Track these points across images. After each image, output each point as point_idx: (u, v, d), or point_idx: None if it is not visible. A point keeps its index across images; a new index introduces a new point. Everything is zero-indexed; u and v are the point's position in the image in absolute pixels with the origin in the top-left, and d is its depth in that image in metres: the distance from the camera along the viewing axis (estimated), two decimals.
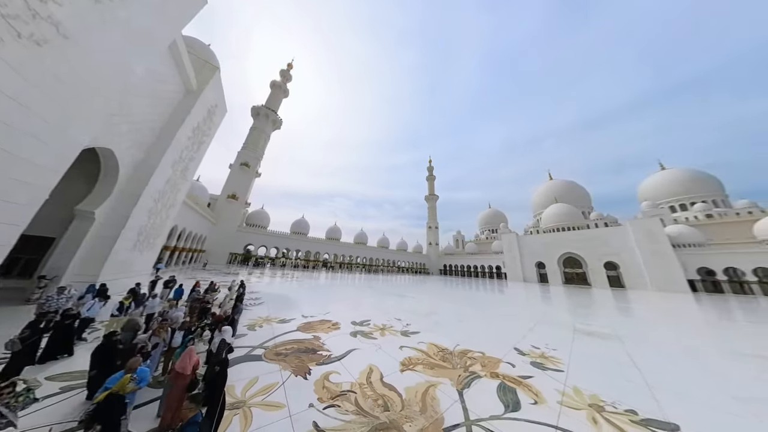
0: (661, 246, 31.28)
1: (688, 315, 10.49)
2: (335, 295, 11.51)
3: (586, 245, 37.96)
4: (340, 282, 19.85)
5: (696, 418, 2.60)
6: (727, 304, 15.35)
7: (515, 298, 15.12)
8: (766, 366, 4.46)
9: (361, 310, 8.05)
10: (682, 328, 7.83)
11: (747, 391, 3.36)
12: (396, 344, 4.61)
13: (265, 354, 3.66)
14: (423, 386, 2.99)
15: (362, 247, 61.01)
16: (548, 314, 9.27)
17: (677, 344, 5.75)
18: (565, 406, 2.73)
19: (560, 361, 4.18)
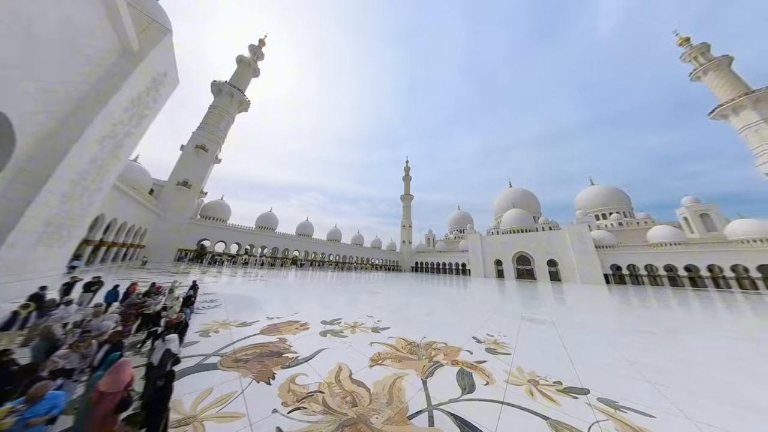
0: (588, 247, 38.08)
1: (602, 303, 13.10)
2: (305, 294, 11.04)
3: (535, 245, 44.05)
4: (311, 280, 19.06)
5: (601, 382, 3.30)
6: (628, 293, 19.67)
7: (476, 292, 16.72)
8: (649, 338, 5.89)
9: (333, 308, 7.90)
10: (596, 313, 9.76)
11: (637, 358, 4.40)
12: (366, 341, 4.67)
13: (222, 362, 3.33)
14: (390, 379, 3.11)
15: (336, 245, 59.51)
16: (502, 306, 10.52)
17: (592, 326, 7.16)
18: (510, 383, 3.17)
19: (509, 345, 4.81)
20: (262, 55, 46.84)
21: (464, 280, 31.92)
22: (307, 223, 60.09)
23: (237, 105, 40.94)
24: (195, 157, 34.16)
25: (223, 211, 44.05)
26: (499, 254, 47.86)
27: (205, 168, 35.06)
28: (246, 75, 43.84)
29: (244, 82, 43.22)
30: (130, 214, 20.02)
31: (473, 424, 2.29)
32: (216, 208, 43.23)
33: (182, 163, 33.24)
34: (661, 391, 3.16)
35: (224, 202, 45.47)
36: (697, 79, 36.87)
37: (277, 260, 47.51)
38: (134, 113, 8.63)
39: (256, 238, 43.54)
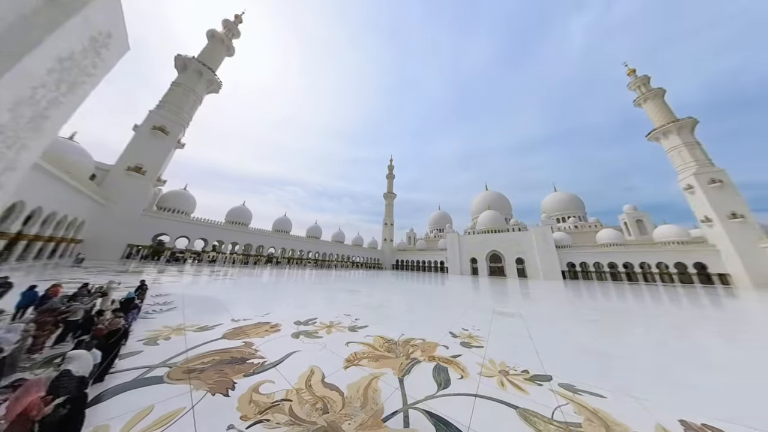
0: (550, 247, 42.24)
1: (560, 296, 14.62)
2: (279, 294, 10.36)
3: (506, 245, 47.56)
4: (287, 279, 18.06)
5: (561, 368, 3.57)
6: (579, 287, 22.29)
7: (453, 288, 17.46)
8: (597, 327, 6.65)
9: (308, 308, 7.51)
10: (555, 305, 10.82)
11: (588, 345, 4.89)
12: (343, 341, 4.47)
13: (170, 373, 2.86)
14: (366, 380, 2.98)
15: (315, 242, 57.45)
16: (476, 301, 11.09)
17: (553, 317, 7.89)
18: (483, 375, 3.25)
19: (482, 338, 5.01)
20: (238, 32, 42.61)
21: (442, 278, 33.18)
22: (285, 218, 57.02)
23: (206, 85, 36.77)
24: (152, 140, 29.93)
25: (187, 202, 39.51)
26: (474, 253, 50.74)
27: (164, 153, 30.94)
28: (218, 52, 39.52)
29: (215, 60, 38.88)
30: (61, 202, 16.77)
31: (448, 420, 2.27)
32: (177, 199, 38.57)
33: (135, 146, 28.86)
34: (609, 373, 3.53)
35: (188, 193, 40.79)
36: (639, 106, 43.05)
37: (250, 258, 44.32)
38: (65, 78, 7.06)
39: (227, 233, 39.94)
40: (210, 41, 38.76)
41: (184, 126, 34.15)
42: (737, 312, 10.52)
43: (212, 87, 38.37)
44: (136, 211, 27.73)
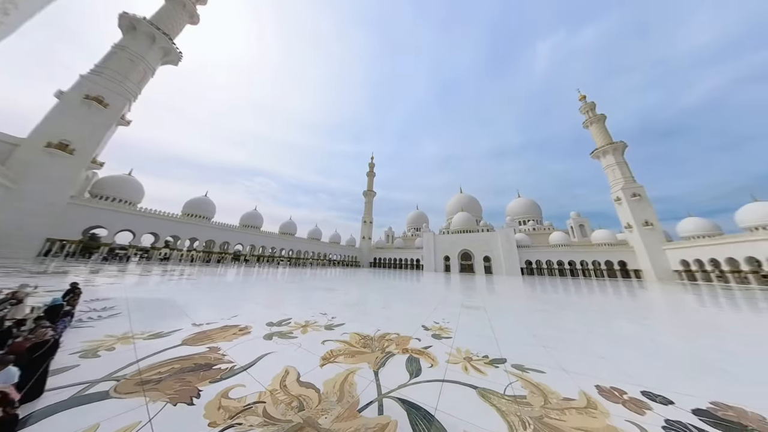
0: (512, 246, 47.01)
1: (518, 290, 16.52)
2: (248, 295, 9.70)
3: (475, 244, 51.41)
4: (257, 278, 16.92)
5: (514, 352, 4.14)
6: (534, 282, 25.43)
7: (427, 285, 18.39)
8: (545, 315, 7.77)
9: (282, 308, 7.22)
10: (513, 298, 12.24)
11: (537, 331, 5.71)
12: (319, 340, 4.46)
13: (118, 387, 2.56)
14: (342, 375, 3.06)
15: (289, 238, 54.56)
16: (447, 296, 11.91)
17: (510, 308, 8.95)
18: (450, 363, 3.61)
19: (451, 330, 5.48)
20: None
21: (417, 275, 34.53)
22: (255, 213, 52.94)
23: (160, 54, 31.75)
24: (84, 112, 24.85)
25: (132, 190, 33.95)
26: (447, 251, 53.85)
27: (102, 129, 26.00)
28: (178, 18, 34.33)
29: (173, 26, 33.70)
30: None
31: (418, 404, 2.49)
32: (120, 186, 32.90)
33: (59, 117, 23.61)
34: (550, 353, 4.22)
35: (133, 179, 35.08)
36: (586, 127, 50.14)
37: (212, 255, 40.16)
38: None
39: (184, 227, 35.50)
40: (168, 2, 33.39)
41: (130, 99, 29.07)
42: (643, 300, 13.26)
43: (169, 58, 33.23)
44: (59, 198, 22.83)
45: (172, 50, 32.33)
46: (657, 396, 2.84)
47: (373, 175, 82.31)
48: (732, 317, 8.76)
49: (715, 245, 31.38)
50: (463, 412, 2.41)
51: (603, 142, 45.54)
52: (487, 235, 50.54)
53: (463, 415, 2.35)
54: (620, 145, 44.04)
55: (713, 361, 4.32)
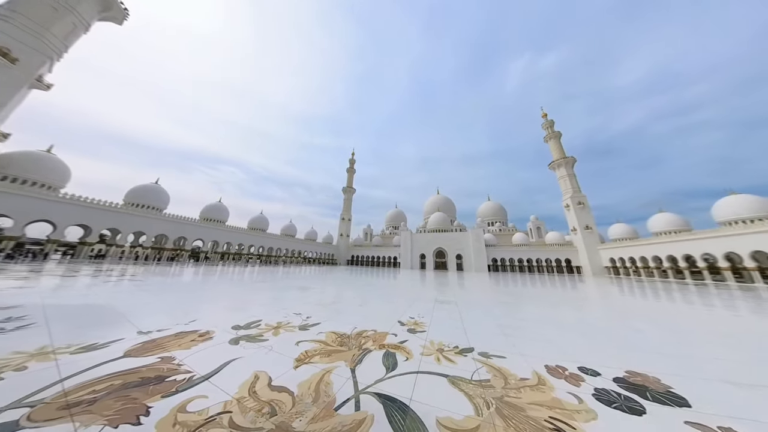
0: (481, 245, 50.98)
1: (485, 285, 18.06)
2: (210, 296, 8.78)
3: (449, 243, 54.47)
4: (221, 278, 15.38)
5: (481, 341, 4.54)
6: (499, 277, 28.06)
7: (404, 282, 18.92)
8: (507, 307, 8.65)
9: (250, 310, 6.70)
10: (481, 292, 13.35)
11: (501, 321, 6.34)
12: (292, 341, 4.27)
13: (33, 414, 2.09)
14: (318, 375, 2.99)
15: (260, 234, 50.73)
16: (423, 292, 12.44)
17: (478, 302, 9.76)
18: (424, 355, 3.79)
19: (425, 324, 5.75)
20: None
21: (394, 272, 35.23)
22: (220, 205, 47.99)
23: (97, 6, 26.16)
24: None
25: (51, 171, 27.75)
26: (423, 249, 56.06)
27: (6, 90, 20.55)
28: None
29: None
30: None
31: (394, 397, 2.57)
32: (33, 165, 26.63)
33: None
34: (510, 341, 4.73)
35: (54, 158, 28.72)
36: (546, 142, 56.63)
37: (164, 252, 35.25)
38: None
39: (126, 220, 30.40)
40: None
41: (52, 58, 23.44)
42: (581, 291, 15.70)
43: (110, 13, 27.57)
44: None
45: (115, 4, 26.83)
46: (589, 370, 3.41)
47: (353, 171, 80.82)
48: (642, 303, 10.95)
49: (633, 246, 38.70)
50: (435, 399, 2.56)
51: (558, 156, 52.29)
52: (460, 234, 54.07)
53: (435, 403, 2.50)
54: (571, 160, 51.11)
55: (627, 338, 5.36)
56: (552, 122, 55.59)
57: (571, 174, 50.60)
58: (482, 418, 2.26)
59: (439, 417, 2.27)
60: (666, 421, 2.34)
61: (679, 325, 6.83)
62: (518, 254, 50.70)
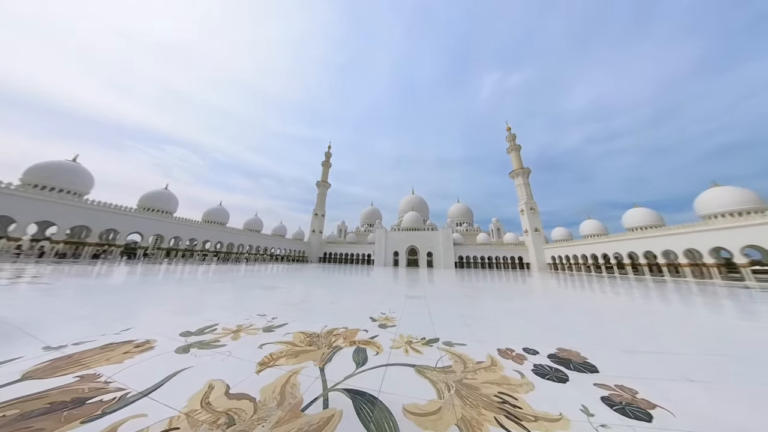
0: (450, 244, 54.61)
1: (452, 281, 19.50)
2: (150, 299, 7.53)
3: (421, 241, 56.97)
4: (166, 278, 13.29)
5: (446, 332, 4.92)
6: (464, 273, 30.56)
7: (377, 278, 19.15)
8: (469, 300, 9.51)
9: (204, 313, 5.97)
10: (448, 288, 14.40)
11: (463, 312, 6.94)
12: (255, 344, 3.97)
13: None
14: (284, 378, 2.86)
15: (218, 229, 45.38)
16: (394, 288, 12.80)
17: (444, 296, 10.51)
18: (393, 348, 3.94)
19: (396, 319, 5.95)
20: None
21: (368, 269, 35.34)
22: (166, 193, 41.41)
23: None
24: None
25: None
26: (397, 247, 57.53)
27: None
28: None
29: None
30: None
31: (363, 390, 2.62)
32: None
33: None
34: (470, 329, 5.25)
35: None
36: (508, 153, 63.22)
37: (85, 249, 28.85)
38: None
39: (23, 206, 23.97)
40: None
41: None
42: (528, 285, 18.24)
43: None
44: None
45: None
46: (531, 350, 4.02)
47: (329, 165, 77.73)
48: (571, 293, 13.29)
49: (568, 247, 46.49)
50: (403, 388, 2.70)
51: (517, 166, 59.23)
52: (432, 233, 57.12)
53: (403, 392, 2.64)
54: (527, 171, 58.48)
55: (559, 322, 6.47)
56: (514, 136, 62.58)
57: (526, 183, 57.92)
58: (443, 401, 2.48)
59: (405, 404, 2.40)
60: (582, 385, 2.92)
61: (595, 309, 8.54)
62: (481, 252, 56.11)
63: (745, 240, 23.66)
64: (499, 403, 2.46)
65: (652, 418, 2.29)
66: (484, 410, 2.34)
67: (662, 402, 2.54)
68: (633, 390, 2.78)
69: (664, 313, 8.20)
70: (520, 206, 56.95)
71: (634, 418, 2.27)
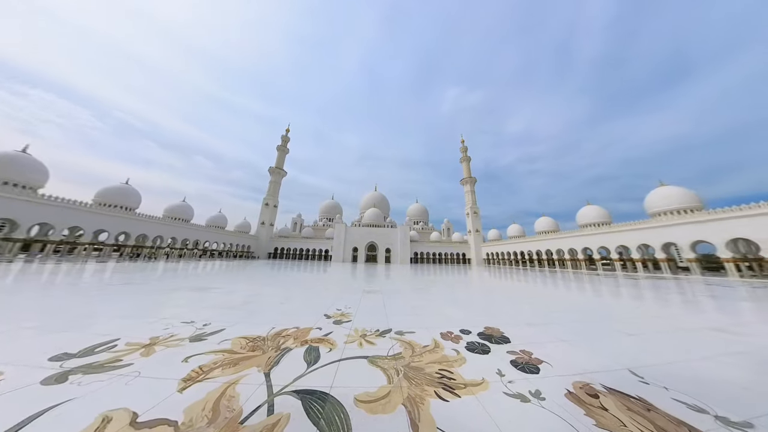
0: (407, 241, 58.00)
1: (406, 275, 20.88)
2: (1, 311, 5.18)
3: (380, 237, 58.50)
4: (20, 282, 9.38)
5: (398, 323, 5.28)
6: (418, 268, 33.13)
7: (334, 274, 18.64)
8: (420, 292, 10.43)
9: (94, 326, 4.54)
10: (403, 282, 15.38)
11: (415, 304, 7.58)
12: (178, 358, 3.29)
13: None
14: (217, 392, 2.50)
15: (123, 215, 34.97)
16: (351, 284, 12.78)
17: (399, 290, 11.21)
18: (347, 343, 3.98)
19: (351, 314, 5.99)
20: None
21: (325, 265, 33.95)
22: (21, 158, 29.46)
23: None
24: None
25: None
26: (357, 242, 57.36)
27: None
28: None
29: None
30: None
31: (313, 389, 2.57)
32: None
33: None
34: (419, 318, 5.80)
35: None
36: (460, 163, 71.40)
37: None
38: None
39: None
40: None
41: None
42: (467, 277, 21.41)
43: None
44: None
45: None
46: (465, 330, 4.78)
47: (286, 150, 69.74)
48: (498, 283, 16.36)
49: (499, 245, 56.77)
50: (356, 380, 2.78)
51: (467, 175, 68.02)
52: (391, 230, 59.47)
53: (355, 383, 2.71)
54: (474, 180, 67.91)
55: (489, 305, 7.91)
56: (466, 148, 71.35)
57: (473, 190, 67.22)
58: (392, 385, 2.69)
59: (356, 395, 2.49)
60: (498, 353, 3.69)
61: (513, 295, 10.81)
62: (434, 249, 62.18)
63: (599, 243, 35.71)
64: (439, 378, 2.85)
65: (540, 371, 3.11)
66: (427, 386, 2.67)
67: (546, 358, 3.48)
68: (530, 352, 3.70)
69: (554, 296, 11.12)
70: (467, 210, 65.78)
71: (529, 373, 3.04)
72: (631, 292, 12.21)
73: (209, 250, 47.20)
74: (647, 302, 9.34)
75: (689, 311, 7.78)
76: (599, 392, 2.61)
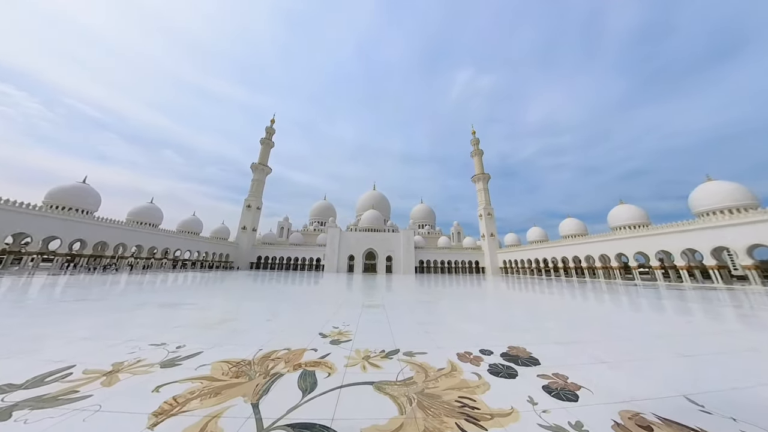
0: (411, 247, 57.82)
1: (411, 287, 20.76)
2: None
3: (380, 244, 58.31)
4: None
5: (406, 341, 5.17)
6: (423, 278, 32.99)
7: (327, 287, 18.51)
8: (428, 306, 10.33)
9: (43, 352, 4.45)
10: (407, 294, 15.27)
11: (422, 320, 7.48)
12: (147, 387, 3.19)
13: None
14: (197, 426, 2.41)
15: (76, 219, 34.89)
16: (350, 297, 12.66)
17: (403, 303, 11.10)
18: (348, 366, 3.88)
19: (351, 333, 5.89)
20: None
21: (316, 276, 33.79)
22: None
23: None
24: None
25: None
26: (353, 250, 57.10)
27: None
28: None
29: None
30: None
31: (311, 422, 2.48)
32: None
33: None
34: (430, 336, 5.70)
35: None
36: (471, 157, 71.77)
37: None
38: None
39: None
40: None
41: None
42: (483, 288, 21.27)
43: None
44: None
45: None
46: (486, 351, 4.69)
47: (271, 144, 69.97)
48: (518, 295, 16.25)
49: (518, 252, 56.65)
50: (360, 411, 2.69)
51: (479, 171, 68.21)
52: (392, 235, 59.31)
53: (360, 414, 2.62)
54: (487, 176, 68.05)
55: (509, 321, 7.80)
56: (478, 140, 71.72)
57: (486, 188, 67.34)
58: (405, 416, 2.59)
59: (363, 428, 2.39)
60: (528, 377, 3.59)
61: (536, 308, 10.71)
62: (442, 256, 61.97)
63: (636, 248, 34.69)
64: (460, 408, 2.76)
65: (578, 398, 3.02)
66: (446, 417, 2.57)
67: (585, 383, 3.39)
68: (565, 376, 3.60)
69: (585, 309, 11.00)
70: (479, 211, 65.81)
71: (567, 401, 2.95)
72: (676, 305, 12.10)
73: (181, 259, 46.97)
74: (698, 317, 9.24)
75: (752, 328, 7.67)
76: (652, 423, 2.52)
